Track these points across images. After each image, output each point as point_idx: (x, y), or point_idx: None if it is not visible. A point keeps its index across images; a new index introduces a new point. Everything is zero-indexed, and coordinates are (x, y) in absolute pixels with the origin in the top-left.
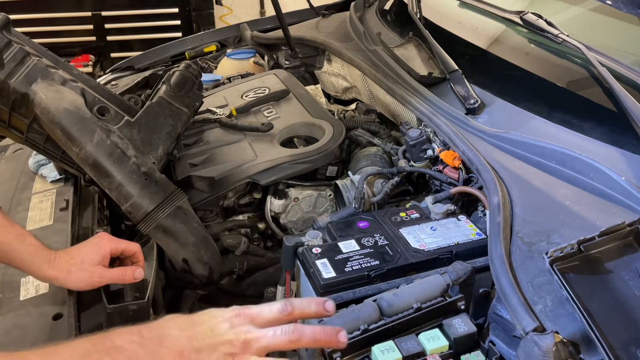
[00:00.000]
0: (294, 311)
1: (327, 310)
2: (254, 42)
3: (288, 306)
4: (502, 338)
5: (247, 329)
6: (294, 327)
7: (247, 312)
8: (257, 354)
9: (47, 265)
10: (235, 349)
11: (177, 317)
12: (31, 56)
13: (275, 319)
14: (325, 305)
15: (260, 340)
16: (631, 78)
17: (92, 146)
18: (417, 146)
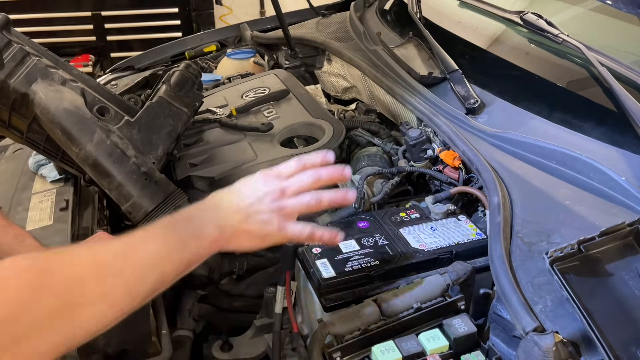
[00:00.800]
0: (306, 164)
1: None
2: (254, 42)
3: (301, 162)
4: (502, 338)
5: (277, 181)
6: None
7: (271, 172)
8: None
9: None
10: (275, 195)
11: (218, 192)
12: (31, 56)
13: (294, 172)
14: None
15: (291, 185)
16: (631, 78)
17: (92, 146)
18: (417, 146)
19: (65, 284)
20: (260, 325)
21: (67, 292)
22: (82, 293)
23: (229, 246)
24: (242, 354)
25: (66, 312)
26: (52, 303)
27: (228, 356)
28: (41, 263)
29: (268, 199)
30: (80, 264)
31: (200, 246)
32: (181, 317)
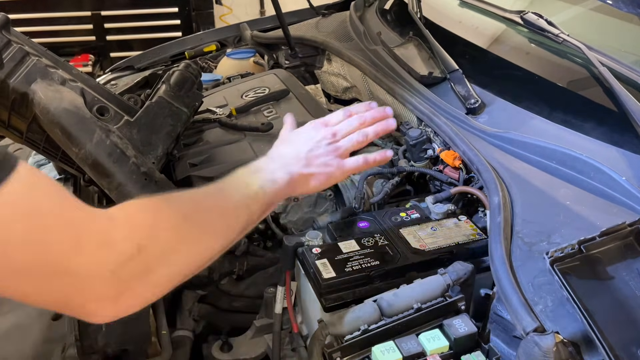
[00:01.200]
0: (352, 111)
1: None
2: (253, 41)
3: (347, 111)
4: (502, 338)
5: (327, 127)
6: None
7: (319, 121)
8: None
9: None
10: (328, 140)
11: (276, 146)
12: (30, 56)
13: (341, 119)
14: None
15: (340, 129)
16: (632, 78)
17: (92, 146)
18: (417, 146)
19: (177, 219)
20: (260, 325)
21: (180, 226)
22: (190, 227)
23: (298, 189)
24: (242, 354)
25: (182, 244)
26: (171, 236)
27: (228, 356)
28: (154, 203)
29: (323, 144)
30: (184, 202)
31: (276, 190)
32: (181, 317)
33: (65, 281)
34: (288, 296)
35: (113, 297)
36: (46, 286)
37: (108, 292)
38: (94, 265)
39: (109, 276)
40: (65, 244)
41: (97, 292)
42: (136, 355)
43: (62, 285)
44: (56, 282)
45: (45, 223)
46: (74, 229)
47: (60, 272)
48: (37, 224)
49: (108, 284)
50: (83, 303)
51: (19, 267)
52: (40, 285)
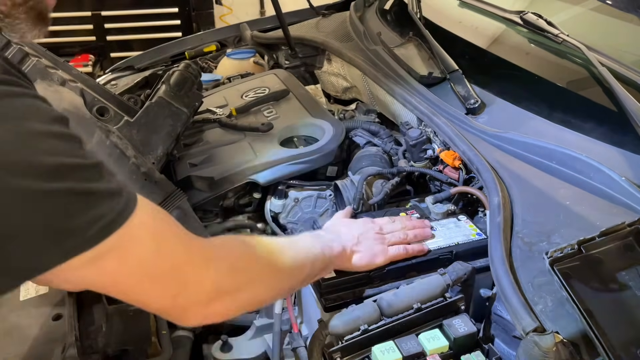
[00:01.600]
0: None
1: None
2: (254, 42)
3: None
4: (502, 338)
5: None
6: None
7: (369, 219)
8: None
9: None
10: (376, 230)
11: (332, 224)
12: (30, 56)
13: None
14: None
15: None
16: (631, 78)
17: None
18: (417, 146)
19: (263, 254)
20: (260, 325)
21: (266, 261)
22: (273, 264)
23: (346, 263)
24: (242, 354)
25: (265, 276)
26: (258, 267)
27: (228, 356)
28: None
29: (372, 232)
30: (269, 243)
31: (331, 256)
32: None
33: (179, 288)
34: (288, 296)
35: (206, 304)
36: (164, 292)
37: (205, 299)
38: (200, 276)
39: (209, 285)
40: (181, 257)
41: (197, 298)
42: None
43: (175, 291)
44: (172, 289)
45: (167, 241)
46: (187, 246)
47: (177, 281)
48: (162, 241)
49: (207, 292)
50: (187, 306)
51: (150, 275)
52: (160, 292)
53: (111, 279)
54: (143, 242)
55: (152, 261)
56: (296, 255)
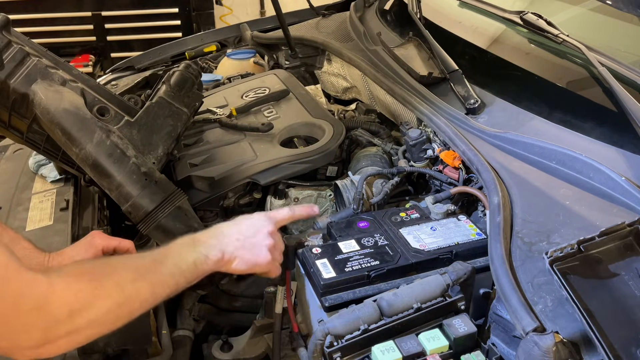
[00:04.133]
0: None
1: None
2: (254, 42)
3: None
4: (502, 338)
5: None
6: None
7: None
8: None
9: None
10: (269, 228)
11: (224, 223)
12: (31, 56)
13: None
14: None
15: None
16: (631, 78)
17: (92, 146)
18: (417, 146)
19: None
20: (260, 325)
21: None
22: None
23: (226, 267)
24: (242, 354)
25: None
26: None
27: (228, 356)
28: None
29: (261, 235)
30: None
31: (205, 265)
32: (181, 317)
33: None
34: (288, 296)
35: (36, 347)
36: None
37: (33, 345)
38: (27, 325)
39: (37, 334)
40: (6, 304)
41: (24, 344)
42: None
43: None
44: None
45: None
46: (16, 291)
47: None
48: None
49: (35, 339)
50: (11, 349)
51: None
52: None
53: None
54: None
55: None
56: (156, 277)
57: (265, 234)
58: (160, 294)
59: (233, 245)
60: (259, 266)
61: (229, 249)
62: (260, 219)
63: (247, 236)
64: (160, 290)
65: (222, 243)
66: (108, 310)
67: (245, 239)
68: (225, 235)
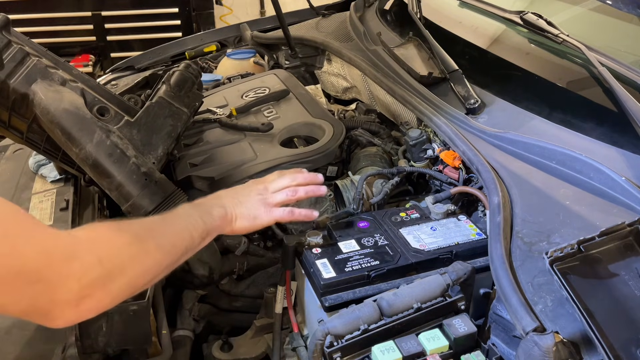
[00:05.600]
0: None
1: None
2: (254, 42)
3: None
4: (502, 338)
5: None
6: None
7: (258, 179)
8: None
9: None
10: (260, 191)
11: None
12: (31, 56)
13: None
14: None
15: (274, 184)
16: (631, 78)
17: (92, 146)
18: (417, 146)
19: (132, 237)
20: (260, 325)
21: (135, 243)
22: (143, 244)
23: (231, 227)
24: (242, 354)
25: (137, 258)
26: (128, 251)
27: (228, 356)
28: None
29: (254, 192)
30: (137, 224)
31: (212, 222)
32: (181, 317)
33: (36, 289)
34: (288, 296)
35: (75, 302)
36: (19, 295)
37: (72, 298)
38: (62, 275)
39: (74, 284)
40: (36, 258)
41: (62, 298)
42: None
43: (33, 293)
44: (28, 291)
45: (17, 242)
46: (43, 245)
47: (32, 281)
48: (10, 242)
49: (73, 291)
50: (50, 308)
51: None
52: (15, 294)
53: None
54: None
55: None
56: (171, 230)
57: (257, 191)
58: (178, 246)
59: (231, 203)
60: (260, 218)
61: (229, 207)
62: (251, 183)
63: (242, 194)
64: (178, 242)
65: (221, 202)
66: (134, 256)
67: (240, 196)
68: (222, 197)
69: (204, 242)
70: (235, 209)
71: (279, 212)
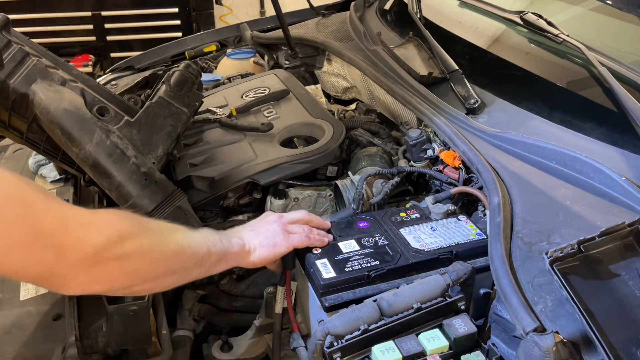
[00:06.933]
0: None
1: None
2: (254, 42)
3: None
4: (502, 338)
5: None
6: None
7: (276, 214)
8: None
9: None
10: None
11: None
12: (31, 56)
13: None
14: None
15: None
16: (631, 78)
17: (92, 146)
18: (417, 146)
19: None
20: (260, 325)
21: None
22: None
23: (251, 257)
24: (242, 354)
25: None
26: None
27: (228, 356)
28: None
29: (271, 221)
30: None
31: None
32: (181, 317)
33: (52, 253)
34: (288, 296)
35: (89, 267)
36: (36, 259)
37: (86, 262)
38: (77, 238)
39: (89, 248)
40: (53, 221)
41: (77, 261)
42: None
43: (49, 257)
44: (45, 255)
45: (34, 207)
46: (59, 210)
47: (48, 246)
48: (27, 207)
49: (87, 255)
50: (65, 272)
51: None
52: (32, 258)
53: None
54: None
55: (18, 226)
56: (191, 236)
57: (273, 219)
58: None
59: (249, 235)
60: (280, 245)
61: (247, 239)
62: (269, 214)
63: (258, 226)
64: (196, 248)
65: (239, 235)
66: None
67: (259, 227)
68: (240, 230)
69: (219, 265)
70: (253, 240)
71: (297, 238)
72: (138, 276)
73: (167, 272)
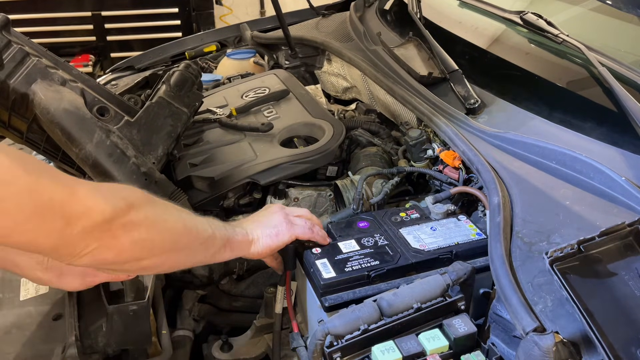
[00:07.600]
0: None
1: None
2: (254, 42)
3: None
4: (502, 338)
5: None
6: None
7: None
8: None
9: (40, 269)
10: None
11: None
12: (31, 56)
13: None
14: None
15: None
16: (631, 78)
17: (92, 146)
18: (417, 146)
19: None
20: (260, 325)
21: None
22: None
23: (254, 248)
24: (242, 354)
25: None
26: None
27: (228, 356)
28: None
29: (274, 211)
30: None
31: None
32: (181, 317)
33: (63, 222)
34: (288, 296)
35: (98, 237)
36: (48, 229)
37: (96, 231)
38: (87, 206)
39: (98, 215)
40: (62, 191)
41: (87, 228)
42: (136, 355)
43: (61, 226)
44: (56, 224)
45: (41, 178)
46: (67, 181)
47: (59, 215)
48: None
49: (97, 224)
50: (76, 242)
51: (25, 214)
52: (44, 229)
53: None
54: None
55: (28, 196)
56: (197, 218)
57: (276, 209)
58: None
59: (252, 226)
60: (283, 234)
61: (250, 229)
62: (271, 205)
63: (262, 216)
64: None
65: (242, 225)
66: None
67: (262, 218)
68: (243, 222)
69: (224, 252)
70: (255, 230)
71: (300, 229)
72: (146, 247)
73: (174, 248)
